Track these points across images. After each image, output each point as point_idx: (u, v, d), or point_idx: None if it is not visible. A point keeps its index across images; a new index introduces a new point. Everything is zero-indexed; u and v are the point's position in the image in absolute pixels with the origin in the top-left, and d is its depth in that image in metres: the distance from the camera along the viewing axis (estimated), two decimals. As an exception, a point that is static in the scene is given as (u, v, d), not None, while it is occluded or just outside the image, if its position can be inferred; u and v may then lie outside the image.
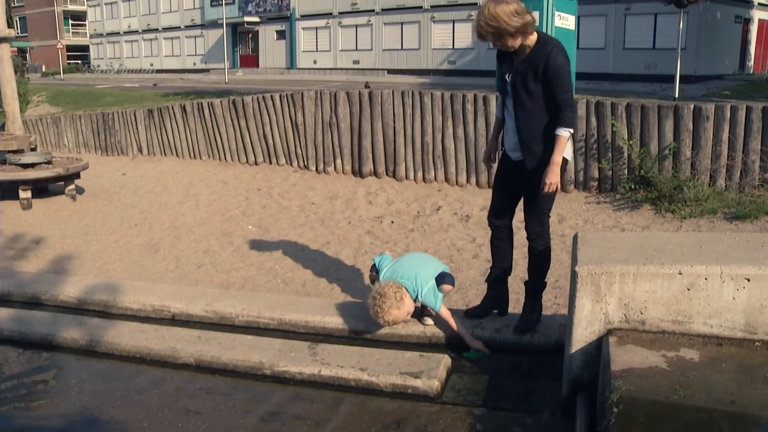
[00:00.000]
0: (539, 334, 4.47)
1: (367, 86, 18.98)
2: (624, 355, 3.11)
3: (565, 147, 4.23)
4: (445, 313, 4.53)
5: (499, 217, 4.73)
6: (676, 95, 14.73)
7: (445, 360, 4.20)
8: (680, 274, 3.24)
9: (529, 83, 4.24)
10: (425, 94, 10.33)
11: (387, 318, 4.39)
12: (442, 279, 4.55)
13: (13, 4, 61.25)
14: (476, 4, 32.41)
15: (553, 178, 4.20)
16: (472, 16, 32.70)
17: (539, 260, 4.59)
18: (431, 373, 4.04)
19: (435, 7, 34.55)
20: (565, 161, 4.32)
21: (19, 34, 66.50)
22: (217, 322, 5.18)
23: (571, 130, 4.23)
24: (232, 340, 4.69)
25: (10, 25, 11.93)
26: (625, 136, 8.95)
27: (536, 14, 13.61)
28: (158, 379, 4.44)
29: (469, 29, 33.19)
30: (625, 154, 9.01)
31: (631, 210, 8.48)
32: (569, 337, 3.51)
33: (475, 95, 9.92)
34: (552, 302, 5.82)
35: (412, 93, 10.51)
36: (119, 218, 9.69)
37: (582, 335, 3.45)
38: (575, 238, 3.82)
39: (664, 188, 8.48)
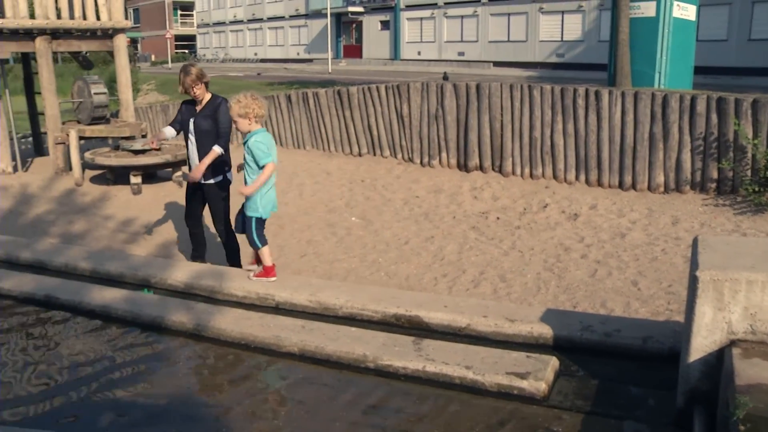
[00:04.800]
0: (652, 340, 4.29)
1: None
2: (750, 368, 2.92)
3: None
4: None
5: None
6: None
7: (552, 362, 4.09)
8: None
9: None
10: (534, 88, 10.12)
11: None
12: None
13: (127, -4, 64.13)
14: (587, -7, 31.60)
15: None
16: (582, 7, 31.90)
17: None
18: (538, 374, 3.94)
19: (543, -3, 33.91)
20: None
21: (133, 25, 69.83)
22: (320, 313, 5.22)
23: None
24: (336, 331, 4.71)
25: (125, 16, 12.42)
26: (750, 135, 8.48)
27: (653, 5, 13.19)
28: (262, 367, 4.51)
29: (579, 20, 32.40)
30: (749, 154, 8.53)
31: (754, 214, 8.03)
32: (686, 345, 3.35)
33: (586, 90, 9.64)
34: (665, 308, 5.59)
35: (521, 86, 10.31)
36: (225, 205, 9.94)
37: (701, 344, 3.28)
38: (695, 241, 3.63)
39: (792, 191, 7.99)
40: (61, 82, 12.85)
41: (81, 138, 11.83)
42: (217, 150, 6.26)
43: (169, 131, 6.73)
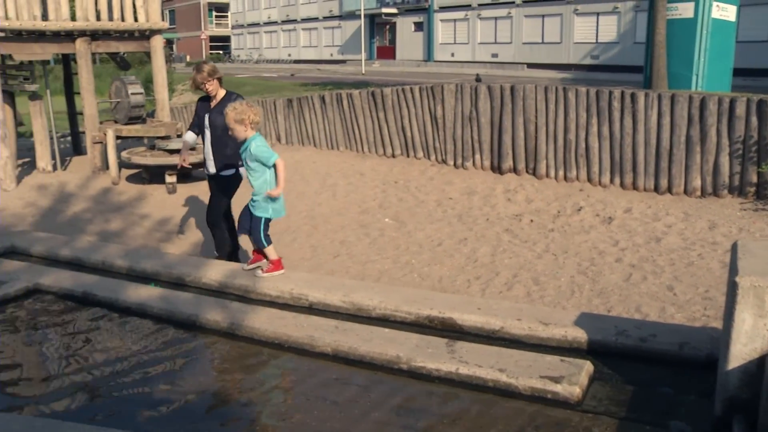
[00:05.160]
0: (689, 346, 4.23)
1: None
2: (792, 377, 2.88)
3: None
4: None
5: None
6: None
7: (587, 366, 4.06)
8: None
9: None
10: (569, 90, 10.05)
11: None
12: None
13: (163, -2, 65.05)
14: (623, -6, 31.28)
15: None
16: (618, 8, 31.59)
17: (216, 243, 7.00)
18: (572, 378, 3.91)
19: (578, -1, 33.62)
20: None
21: (168, 26, 70.72)
22: (353, 313, 5.23)
23: None
24: (370, 332, 4.72)
25: (162, 18, 12.58)
26: (792, 138, 8.34)
27: (691, 6, 13.02)
28: (295, 366, 4.54)
29: (614, 22, 32.09)
30: (791, 158, 8.39)
31: (793, 218, 7.90)
32: (725, 352, 3.30)
33: (622, 92, 9.55)
34: (701, 313, 5.52)
35: (556, 88, 10.25)
36: (258, 206, 10.00)
37: (740, 352, 3.23)
38: (735, 246, 3.58)
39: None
40: (98, 83, 13.04)
41: (118, 137, 12.00)
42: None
43: (191, 137, 6.93)
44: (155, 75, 12.87)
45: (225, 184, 6.91)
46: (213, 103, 6.76)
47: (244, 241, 6.19)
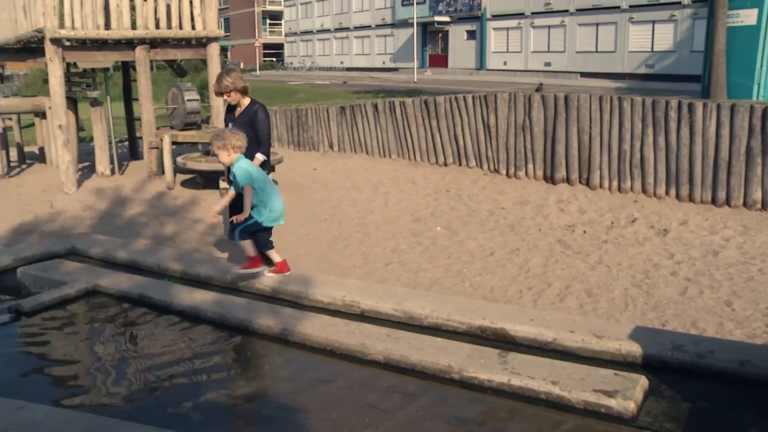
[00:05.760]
0: (750, 364, 4.13)
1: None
2: None
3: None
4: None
5: None
6: None
7: (642, 381, 4.00)
8: None
9: None
10: (624, 100, 9.91)
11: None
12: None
13: (219, 6, 66.26)
14: (679, 2, 30.71)
15: None
16: (674, 16, 31.05)
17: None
18: (627, 393, 3.86)
19: (634, 7, 33.07)
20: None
21: (224, 34, 72.03)
22: (405, 322, 5.23)
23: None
24: (421, 341, 4.72)
25: (218, 26, 12.80)
26: None
27: (754, 13, 12.73)
28: (347, 373, 4.55)
29: (670, 30, 31.54)
30: None
31: None
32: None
33: (679, 102, 9.38)
34: (762, 330, 5.38)
35: (611, 98, 10.12)
36: (310, 212, 10.07)
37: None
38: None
39: None
40: (155, 89, 13.28)
41: (173, 143, 12.22)
42: (260, 157, 6.47)
43: None
44: (210, 82, 13.07)
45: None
46: (237, 112, 6.82)
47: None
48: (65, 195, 10.88)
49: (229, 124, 6.73)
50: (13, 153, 14.41)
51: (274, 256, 6.21)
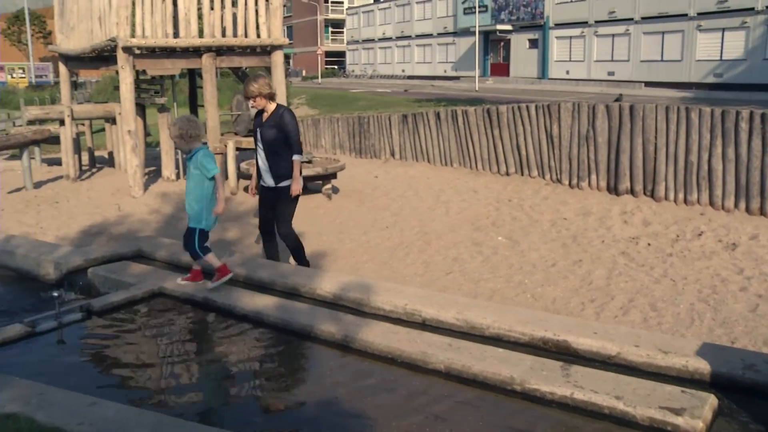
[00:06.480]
0: (827, 384, 3.99)
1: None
2: None
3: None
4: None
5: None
6: None
7: (711, 400, 3.88)
8: None
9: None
10: (692, 110, 9.69)
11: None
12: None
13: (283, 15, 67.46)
14: (753, 9, 29.89)
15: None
16: (746, 23, 30.27)
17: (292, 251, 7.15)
18: (695, 411, 3.75)
19: (702, 15, 32.33)
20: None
21: (288, 42, 73.06)
22: (466, 331, 5.19)
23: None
24: (483, 351, 4.68)
25: (282, 34, 12.98)
26: None
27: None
28: (408, 382, 4.55)
29: (741, 38, 30.75)
30: None
31: None
32: None
33: (751, 112, 9.13)
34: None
35: (678, 108, 9.91)
36: (371, 219, 10.12)
37: None
38: None
39: None
40: (219, 96, 13.55)
41: (237, 149, 12.43)
42: (297, 159, 6.73)
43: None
44: (276, 89, 13.26)
45: (285, 195, 6.98)
46: (264, 117, 6.95)
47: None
48: (132, 198, 11.18)
49: (257, 130, 6.89)
50: (85, 157, 14.88)
51: (197, 265, 6.31)
